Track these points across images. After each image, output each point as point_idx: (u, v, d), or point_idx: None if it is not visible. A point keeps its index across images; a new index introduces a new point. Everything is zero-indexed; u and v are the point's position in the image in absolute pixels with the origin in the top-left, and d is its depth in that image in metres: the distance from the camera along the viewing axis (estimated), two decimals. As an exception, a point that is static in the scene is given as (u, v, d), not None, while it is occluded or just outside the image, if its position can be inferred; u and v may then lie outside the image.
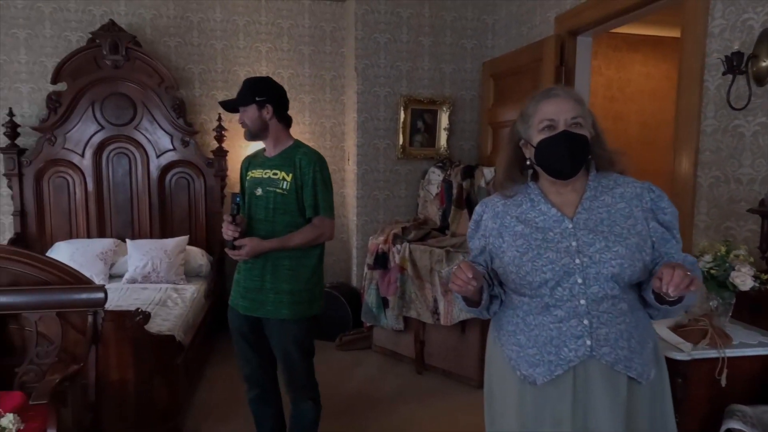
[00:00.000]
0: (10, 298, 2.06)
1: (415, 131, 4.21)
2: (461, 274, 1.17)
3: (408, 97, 4.12)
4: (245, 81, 2.12)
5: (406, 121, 4.14)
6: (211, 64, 4.36)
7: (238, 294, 2.10)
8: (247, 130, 2.07)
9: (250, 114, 2.04)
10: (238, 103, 2.07)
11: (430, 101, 4.17)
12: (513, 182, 1.36)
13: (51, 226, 4.04)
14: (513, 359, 1.32)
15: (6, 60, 4.02)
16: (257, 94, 2.04)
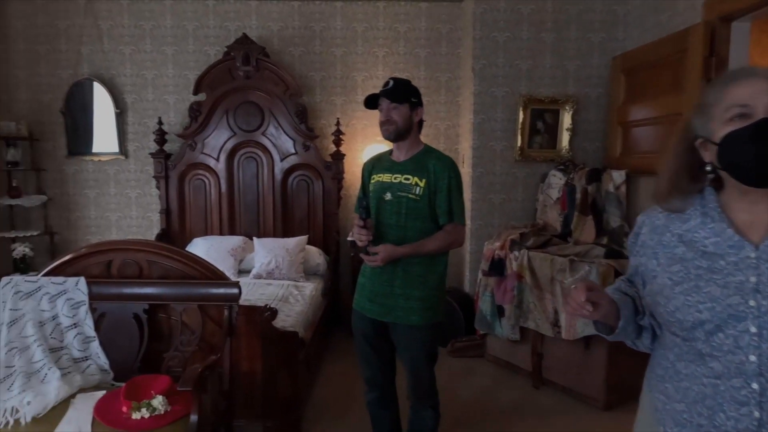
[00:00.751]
0: (161, 289, 2.28)
1: (535, 132, 4.02)
2: (576, 296, 1.02)
3: (528, 97, 3.93)
4: (396, 81, 2.06)
5: (525, 121, 3.96)
6: (331, 71, 4.53)
7: (364, 298, 2.13)
8: (394, 129, 2.05)
9: (402, 112, 2.03)
10: (395, 99, 2.02)
11: (552, 100, 3.94)
12: (681, 194, 1.06)
13: (190, 223, 4.46)
14: (659, 410, 1.10)
15: (157, 74, 4.52)
16: (412, 95, 2.05)
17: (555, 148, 4.03)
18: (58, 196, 4.57)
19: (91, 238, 4.63)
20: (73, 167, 4.58)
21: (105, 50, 4.48)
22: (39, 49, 4.47)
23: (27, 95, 4.50)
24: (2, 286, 2.26)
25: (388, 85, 2.07)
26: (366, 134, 4.57)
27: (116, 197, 4.63)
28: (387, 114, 2.06)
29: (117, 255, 2.37)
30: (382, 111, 2.08)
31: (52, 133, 4.53)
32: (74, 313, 2.25)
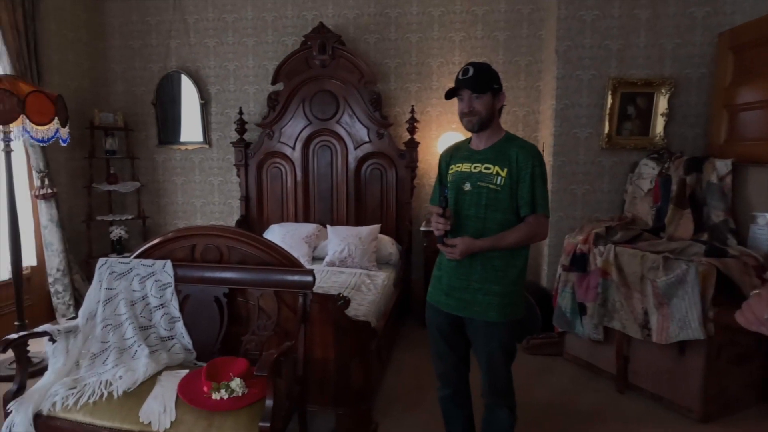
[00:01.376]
0: (240, 274, 2.34)
1: (624, 118, 3.72)
2: (758, 310, 0.88)
3: (618, 80, 3.64)
4: (477, 68, 1.91)
5: (613, 106, 3.68)
6: (406, 57, 4.45)
7: (440, 291, 2.05)
8: (477, 120, 1.92)
9: (485, 101, 1.91)
10: (477, 89, 1.90)
11: (646, 83, 3.62)
12: None
13: (268, 210, 4.59)
14: None
15: (238, 65, 4.67)
16: (494, 81, 1.93)
17: (647, 135, 3.71)
18: (149, 183, 4.87)
19: (178, 222, 4.91)
20: (163, 156, 4.86)
21: (191, 43, 4.69)
22: (133, 45, 4.76)
23: (122, 88, 4.82)
24: (99, 266, 2.42)
25: (468, 72, 1.92)
26: (441, 122, 4.46)
27: (200, 184, 4.86)
28: (469, 105, 1.94)
29: (200, 240, 2.45)
30: (462, 101, 1.96)
31: (144, 124, 4.82)
32: (161, 294, 2.37)
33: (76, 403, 1.98)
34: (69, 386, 2.04)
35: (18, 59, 3.69)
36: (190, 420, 1.90)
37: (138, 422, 1.91)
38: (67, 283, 4.08)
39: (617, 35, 3.68)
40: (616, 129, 3.72)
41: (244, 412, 1.92)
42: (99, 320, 2.31)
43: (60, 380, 2.09)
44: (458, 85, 1.96)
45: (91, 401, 1.98)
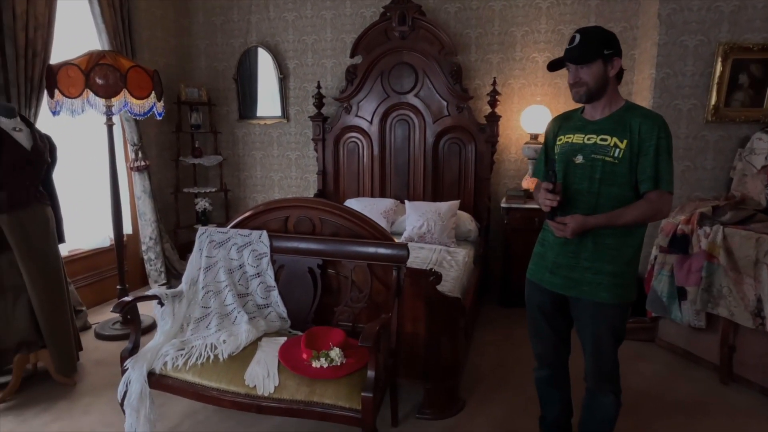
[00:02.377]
0: (334, 246, 2.36)
1: (735, 88, 3.39)
2: None
3: (729, 45, 3.31)
4: (584, 35, 1.78)
5: (723, 75, 3.36)
6: (488, 27, 4.26)
7: (543, 268, 1.96)
8: (585, 90, 1.79)
9: (594, 71, 1.76)
10: (583, 59, 1.76)
11: (763, 48, 3.27)
12: None
13: (344, 185, 4.61)
14: None
15: (316, 39, 4.66)
16: (606, 46, 1.77)
17: (761, 106, 3.37)
18: (230, 157, 5.02)
19: (257, 196, 5.05)
20: (243, 130, 4.98)
21: (270, 18, 4.72)
22: (215, 21, 4.86)
23: (205, 63, 4.96)
24: (200, 235, 2.51)
25: (573, 41, 1.79)
26: (523, 94, 4.27)
27: (278, 158, 4.95)
28: (575, 75, 1.80)
29: (293, 212, 2.49)
30: (570, 72, 1.83)
31: (226, 99, 4.95)
32: (258, 264, 2.43)
33: (185, 364, 2.08)
34: (177, 347, 2.14)
35: (115, 36, 3.85)
36: (293, 386, 1.94)
37: (243, 385, 1.98)
38: (158, 251, 4.31)
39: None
40: (725, 100, 3.40)
41: (344, 381, 1.94)
42: (201, 286, 2.40)
43: (169, 341, 2.20)
44: (563, 57, 1.83)
45: (199, 363, 2.07)
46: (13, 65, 3.08)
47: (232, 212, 5.05)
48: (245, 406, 1.96)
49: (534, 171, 2.11)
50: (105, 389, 2.71)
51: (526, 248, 3.92)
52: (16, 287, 2.57)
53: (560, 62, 1.85)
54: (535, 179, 2.08)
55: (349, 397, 1.88)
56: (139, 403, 2.05)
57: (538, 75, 4.21)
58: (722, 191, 3.48)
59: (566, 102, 4.17)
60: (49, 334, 2.64)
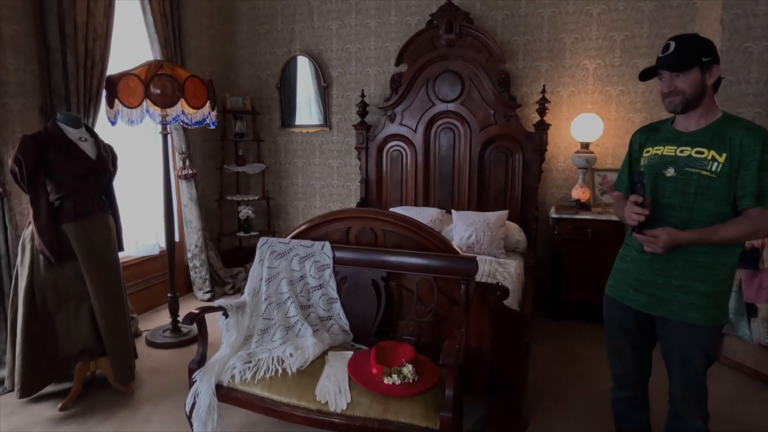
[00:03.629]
0: (397, 258, 2.31)
1: (804, 95, 3.25)
2: None
3: (799, 51, 3.19)
4: (679, 43, 1.71)
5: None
6: (537, 34, 4.19)
7: (626, 285, 1.88)
8: (681, 100, 1.71)
9: (691, 79, 1.69)
10: (679, 66, 1.68)
11: (836, 54, 3.14)
12: None
13: (386, 193, 4.58)
14: None
15: (360, 48, 4.65)
16: (704, 53, 1.69)
17: (832, 114, 3.22)
18: (272, 165, 5.04)
19: (298, 204, 5.05)
20: (285, 138, 4.99)
21: (314, 27, 4.73)
22: (259, 29, 4.90)
23: (248, 72, 4.99)
24: (261, 245, 2.49)
25: (668, 49, 1.71)
26: (573, 102, 4.18)
27: (320, 167, 4.95)
28: (670, 84, 1.72)
29: (355, 223, 2.45)
30: (663, 81, 1.76)
31: (268, 107, 4.97)
32: (320, 275, 2.40)
33: (253, 377, 2.05)
34: (244, 360, 2.12)
35: (166, 46, 3.90)
36: (365, 403, 1.90)
37: (315, 401, 1.94)
38: (203, 258, 4.34)
39: (800, 0, 3.21)
40: (792, 108, 3.27)
41: (419, 399, 1.89)
42: (263, 297, 2.38)
43: (235, 353, 2.18)
44: (657, 64, 1.75)
45: (267, 376, 2.05)
46: (73, 75, 3.13)
47: (273, 220, 5.06)
48: (317, 423, 1.93)
49: (616, 183, 2.04)
50: (163, 398, 2.71)
51: (578, 260, 3.89)
52: (79, 295, 2.59)
53: (652, 71, 1.78)
54: (618, 192, 1.99)
55: (426, 416, 1.83)
56: (207, 415, 2.03)
57: (588, 82, 4.12)
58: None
59: (617, 110, 4.08)
60: (109, 342, 2.65)
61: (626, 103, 4.06)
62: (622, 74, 4.04)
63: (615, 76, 4.06)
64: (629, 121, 4.08)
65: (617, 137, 4.11)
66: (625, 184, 1.97)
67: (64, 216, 2.50)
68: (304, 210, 5.05)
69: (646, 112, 4.02)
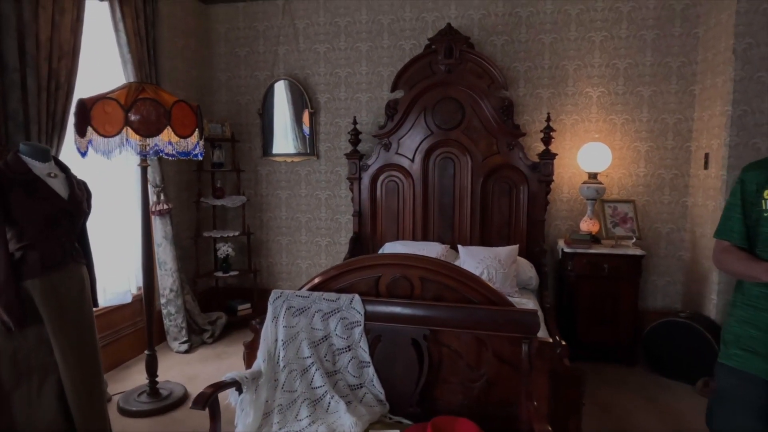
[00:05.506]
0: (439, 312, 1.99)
1: (818, 126, 3.21)
2: None
3: (814, 82, 3.15)
4: None
5: (806, 112, 3.18)
6: (538, 61, 4.05)
7: (759, 357, 1.61)
8: None
9: None
10: None
11: None
12: None
13: (381, 227, 4.25)
14: None
15: (350, 72, 4.37)
16: None
17: None
18: (253, 197, 4.62)
19: (282, 239, 4.64)
20: (267, 168, 4.60)
21: (300, 50, 4.42)
22: (239, 52, 4.54)
23: (226, 97, 4.60)
24: (273, 300, 2.11)
25: None
26: (576, 131, 4.04)
27: (306, 198, 4.57)
28: None
29: (386, 270, 2.12)
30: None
31: (249, 134, 4.58)
32: (348, 335, 2.04)
33: (283, 473, 1.65)
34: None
35: (140, 67, 3.48)
36: (431, 503, 1.54)
37: (366, 502, 1.56)
38: (179, 304, 3.84)
39: (810, 30, 3.19)
40: (808, 138, 3.22)
41: (496, 494, 1.54)
42: (282, 365, 1.99)
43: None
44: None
45: (301, 471, 1.65)
46: (34, 99, 2.68)
47: (254, 257, 4.61)
48: None
49: (722, 231, 1.75)
50: (148, 489, 2.23)
51: (593, 297, 3.67)
52: (44, 367, 2.10)
53: None
54: (725, 242, 1.72)
55: None
56: None
57: (592, 111, 4.00)
58: (807, 234, 3.26)
59: (622, 139, 3.96)
60: (81, 422, 2.16)
61: (631, 132, 3.96)
62: (627, 102, 3.94)
63: (619, 104, 3.95)
64: (635, 150, 3.97)
65: (623, 167, 3.99)
66: (739, 232, 1.70)
67: (28, 270, 2.03)
68: (288, 246, 4.64)
69: (651, 141, 3.93)
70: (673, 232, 3.98)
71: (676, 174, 3.93)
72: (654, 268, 3.99)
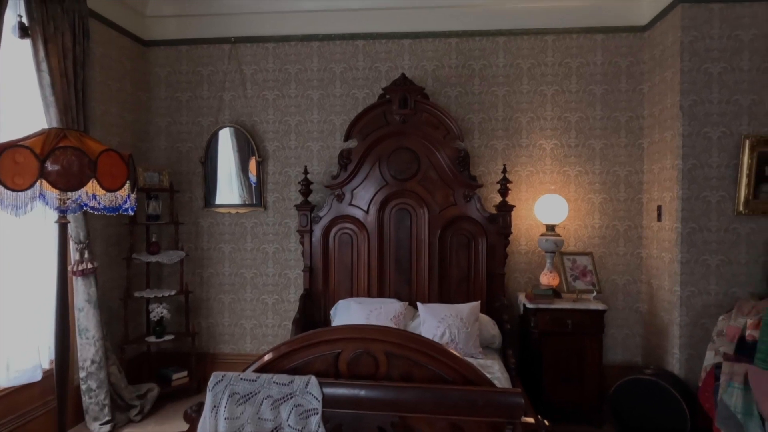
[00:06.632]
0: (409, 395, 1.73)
1: (762, 180, 3.31)
2: None
3: (756, 138, 3.26)
4: None
5: (751, 167, 3.27)
6: (492, 112, 4.04)
7: None
8: None
9: None
10: None
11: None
12: None
13: (334, 282, 3.97)
14: None
15: (301, 120, 4.18)
16: None
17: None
18: (191, 251, 4.23)
19: (224, 297, 4.25)
20: (209, 220, 4.25)
21: (248, 96, 4.20)
22: (180, 96, 4.26)
23: (165, 144, 4.28)
24: (213, 385, 1.78)
25: None
26: (531, 182, 4.00)
27: (252, 252, 4.24)
28: None
29: (347, 345, 1.85)
30: None
31: (189, 184, 4.25)
32: (303, 425, 1.73)
33: None
34: None
35: (66, 111, 3.13)
36: None
37: None
38: (102, 377, 3.34)
39: (748, 90, 3.33)
40: (754, 192, 3.30)
41: None
42: (222, 468, 1.64)
43: None
44: None
45: None
46: (-71, 146, 2.27)
47: (193, 318, 4.18)
48: None
49: None
50: None
51: (557, 354, 3.52)
52: None
53: None
54: None
55: None
56: None
57: (546, 162, 3.99)
58: (759, 287, 3.30)
59: (576, 191, 3.96)
60: None
61: (585, 184, 3.96)
62: (579, 155, 3.96)
63: (572, 156, 3.97)
64: (589, 202, 3.96)
65: (578, 218, 3.96)
66: None
67: None
68: (231, 304, 4.25)
69: (604, 192, 3.94)
70: (629, 284, 3.95)
71: (630, 225, 3.94)
72: (613, 320, 3.92)
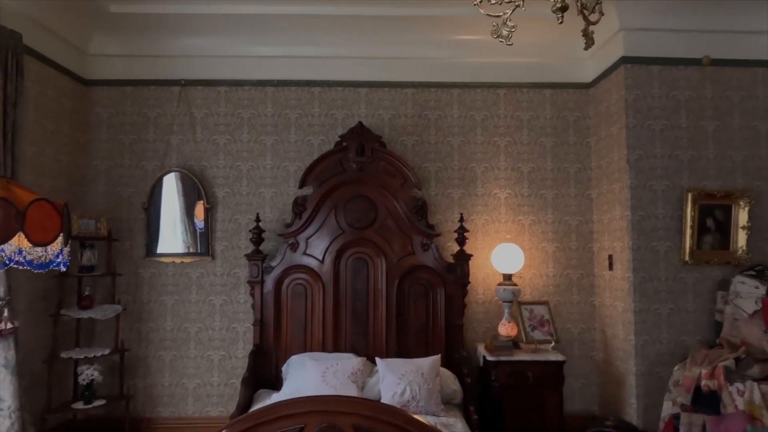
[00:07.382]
0: (382, 475, 1.58)
1: (704, 231, 3.47)
2: None
3: (698, 191, 3.44)
4: None
5: (694, 218, 3.43)
6: (448, 162, 4.07)
7: None
8: None
9: None
10: None
11: (725, 194, 3.45)
12: None
13: (287, 337, 3.75)
14: None
15: (253, 166, 4.04)
16: None
17: (728, 248, 3.47)
18: (130, 305, 3.89)
19: (165, 354, 3.90)
20: (150, 270, 3.95)
21: (197, 140, 4.03)
22: (123, 139, 4.02)
23: (106, 188, 3.99)
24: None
25: None
26: (487, 231, 4.02)
27: (197, 305, 3.95)
28: None
29: (311, 419, 1.69)
30: None
31: (130, 231, 3.96)
32: None
33: None
34: None
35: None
36: None
37: None
38: (18, 455, 2.92)
39: (687, 146, 3.54)
40: (697, 243, 3.45)
41: None
42: None
43: None
44: None
45: None
46: None
47: (129, 379, 3.79)
48: None
49: None
50: None
51: (518, 408, 3.43)
52: None
53: None
54: None
55: None
56: None
57: (501, 211, 4.03)
58: (705, 334, 3.40)
59: (531, 240, 4.01)
60: None
61: (539, 233, 4.02)
62: (532, 204, 4.04)
63: (525, 205, 4.04)
64: (543, 250, 4.02)
65: (533, 267, 4.00)
66: None
67: None
68: (172, 362, 3.90)
69: (557, 241, 4.01)
70: (584, 332, 3.99)
71: (582, 274, 4.01)
72: (570, 370, 3.90)
